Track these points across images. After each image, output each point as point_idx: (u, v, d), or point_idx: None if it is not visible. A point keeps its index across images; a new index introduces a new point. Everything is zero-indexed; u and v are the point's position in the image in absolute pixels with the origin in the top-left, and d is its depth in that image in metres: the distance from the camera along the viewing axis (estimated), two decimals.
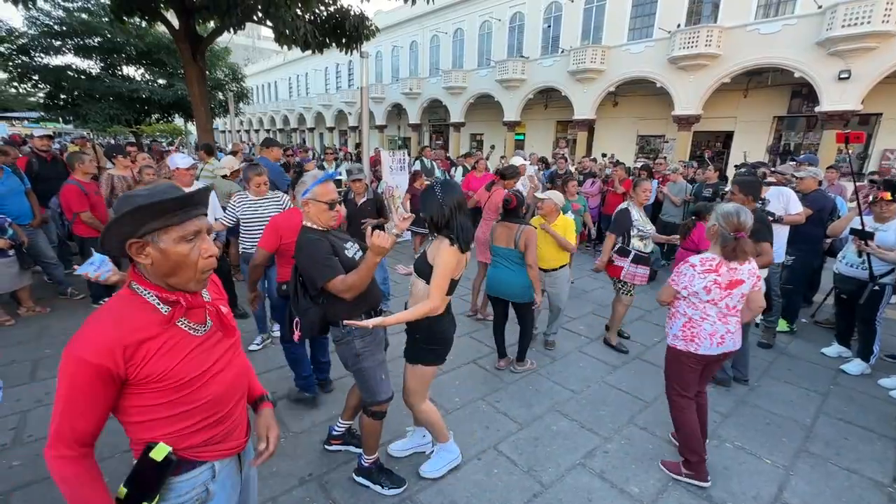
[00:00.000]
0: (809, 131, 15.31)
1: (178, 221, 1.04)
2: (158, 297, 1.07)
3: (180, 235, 1.05)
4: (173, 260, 1.05)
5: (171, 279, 1.08)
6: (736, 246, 2.22)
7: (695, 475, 2.42)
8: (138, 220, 1.01)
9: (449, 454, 2.46)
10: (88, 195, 4.32)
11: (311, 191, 2.03)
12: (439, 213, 2.04)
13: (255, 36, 49.04)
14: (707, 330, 2.33)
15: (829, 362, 3.93)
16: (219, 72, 17.14)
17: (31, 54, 13.82)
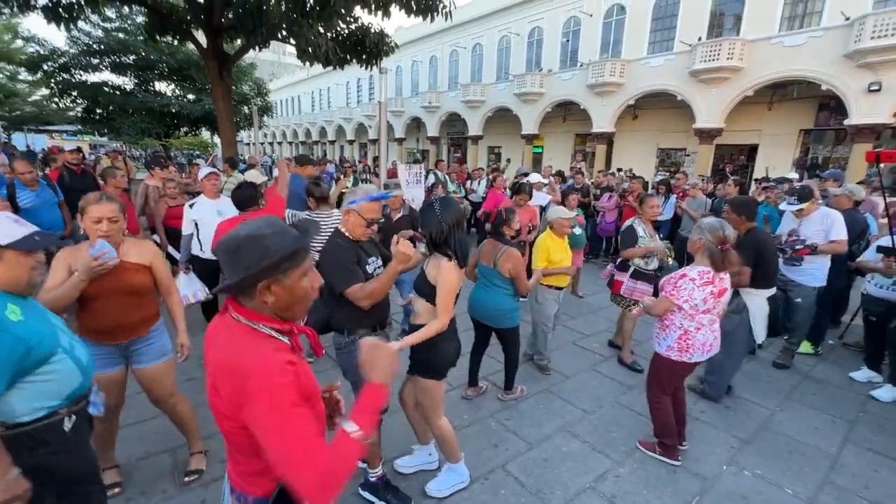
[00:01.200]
0: (838, 145, 14.84)
1: (303, 259, 1.10)
2: (275, 330, 1.09)
3: (303, 272, 1.11)
4: (297, 295, 1.10)
5: (287, 312, 1.11)
6: (724, 258, 2.41)
7: (668, 455, 2.73)
8: (284, 265, 1.05)
9: (458, 475, 2.44)
10: None
11: (358, 203, 2.11)
12: (438, 229, 2.08)
13: (281, 52, 50.65)
14: (700, 340, 2.52)
15: (857, 387, 3.75)
16: (244, 86, 17.76)
17: (71, 72, 14.62)
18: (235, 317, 1.08)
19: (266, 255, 1.01)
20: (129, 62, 15.33)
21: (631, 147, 19.61)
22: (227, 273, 1.06)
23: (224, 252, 1.04)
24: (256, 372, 0.98)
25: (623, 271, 3.92)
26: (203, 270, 3.79)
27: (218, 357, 1.07)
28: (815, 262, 3.73)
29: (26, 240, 1.43)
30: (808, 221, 3.78)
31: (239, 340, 1.05)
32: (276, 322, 1.09)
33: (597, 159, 19.36)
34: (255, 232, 1.03)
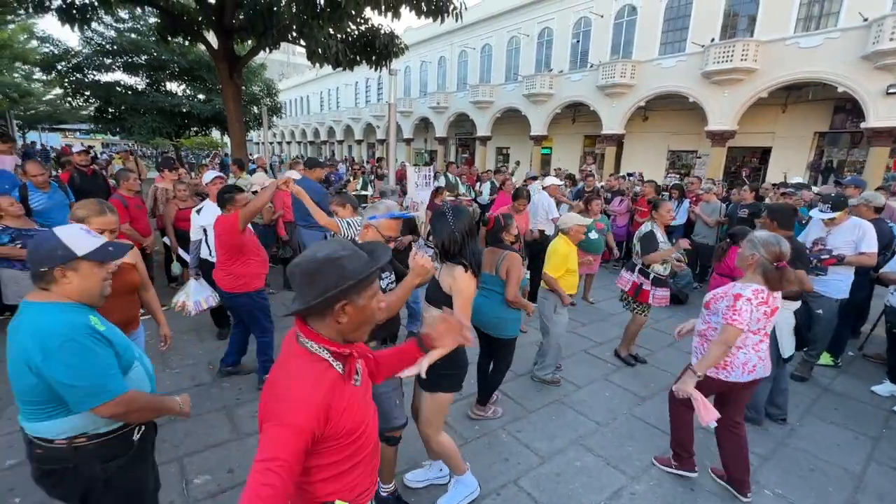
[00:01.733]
0: (854, 147, 14.58)
1: (374, 280, 1.13)
2: (332, 354, 1.10)
3: (374, 292, 1.13)
4: (366, 315, 1.12)
5: (355, 333, 1.14)
6: (781, 276, 2.21)
7: (684, 467, 2.63)
8: (360, 285, 1.07)
9: (466, 488, 2.38)
10: (129, 209, 4.51)
11: (378, 220, 2.10)
12: (451, 238, 2.05)
13: (290, 52, 50.94)
14: (741, 359, 2.34)
15: (880, 402, 3.64)
16: (254, 87, 17.84)
17: (84, 71, 14.78)
18: (299, 338, 1.11)
19: (345, 277, 1.03)
20: (140, 62, 15.46)
21: (641, 149, 19.43)
22: (301, 294, 1.06)
23: (300, 274, 1.06)
24: (282, 399, 1.01)
25: (645, 278, 3.85)
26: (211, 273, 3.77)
27: (271, 375, 1.12)
28: (839, 273, 3.62)
29: (100, 251, 1.44)
30: (838, 231, 3.63)
31: (289, 362, 1.09)
32: (337, 345, 1.10)
33: (606, 161, 19.20)
34: (333, 254, 1.05)
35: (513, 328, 3.04)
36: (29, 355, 1.30)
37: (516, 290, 2.90)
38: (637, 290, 3.94)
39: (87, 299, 1.45)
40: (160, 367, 3.62)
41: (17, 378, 1.34)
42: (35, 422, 1.38)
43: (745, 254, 2.30)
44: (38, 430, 1.39)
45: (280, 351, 1.18)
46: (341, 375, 1.10)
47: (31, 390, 1.34)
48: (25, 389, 1.34)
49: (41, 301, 1.38)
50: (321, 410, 1.01)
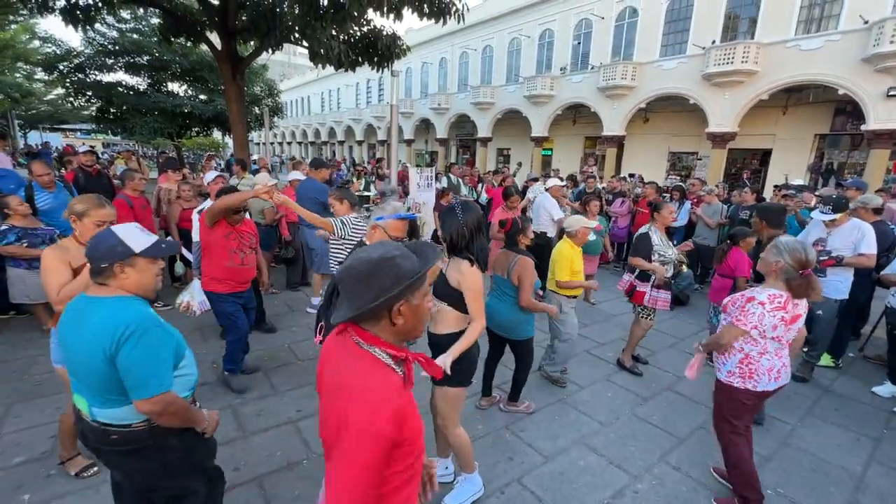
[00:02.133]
0: (854, 150, 14.60)
1: (425, 279, 1.11)
2: (392, 357, 1.07)
3: (425, 291, 1.13)
4: (421, 315, 1.12)
5: (412, 333, 1.13)
6: (806, 283, 2.16)
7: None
8: (415, 286, 1.06)
9: (472, 486, 2.40)
10: (134, 209, 4.55)
11: (385, 220, 2.13)
12: (459, 233, 2.08)
13: (292, 52, 51.01)
14: (765, 366, 2.27)
15: (881, 403, 3.66)
16: (256, 87, 17.89)
17: (86, 71, 14.82)
18: (356, 340, 1.08)
19: (401, 277, 1.02)
20: (142, 63, 15.50)
21: (641, 151, 19.46)
22: (353, 296, 1.03)
23: (354, 276, 1.03)
24: (361, 405, 0.97)
25: (644, 281, 3.85)
26: None
27: (333, 381, 1.07)
28: (838, 274, 3.64)
29: (154, 247, 1.54)
30: (838, 232, 3.66)
31: (356, 365, 1.05)
32: (394, 348, 1.08)
33: (607, 163, 19.23)
34: (387, 254, 1.04)
35: (528, 329, 3.07)
36: (104, 343, 1.39)
37: (529, 296, 2.91)
38: (631, 291, 3.95)
39: (143, 293, 1.55)
40: None
41: (91, 368, 1.42)
42: (111, 408, 1.47)
43: (770, 259, 2.23)
44: (114, 416, 1.48)
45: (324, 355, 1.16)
46: (402, 379, 1.08)
47: (107, 379, 1.42)
48: (100, 378, 1.43)
49: (105, 295, 1.48)
50: (398, 415, 0.98)
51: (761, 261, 2.31)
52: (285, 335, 4.43)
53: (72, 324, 1.47)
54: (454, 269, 2.12)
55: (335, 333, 1.14)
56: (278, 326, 4.63)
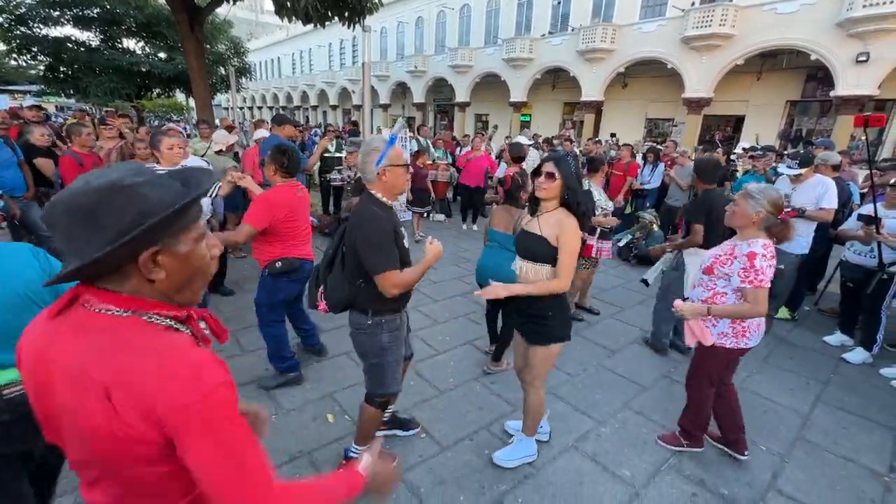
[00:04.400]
0: (823, 116, 14.94)
1: (197, 216, 0.80)
2: (174, 319, 0.79)
3: (200, 234, 0.81)
4: (195, 266, 0.80)
5: (185, 292, 0.81)
6: (786, 226, 2.18)
7: (693, 445, 2.53)
8: (176, 224, 0.75)
9: (528, 448, 2.39)
10: (84, 166, 4.25)
11: (386, 155, 1.79)
12: (575, 185, 1.96)
13: (258, 10, 48.03)
14: (756, 321, 2.22)
15: (830, 351, 3.88)
16: (220, 45, 16.81)
17: (29, 24, 13.58)
18: (106, 310, 0.72)
19: (147, 211, 0.69)
20: (92, 16, 14.29)
21: (619, 117, 19.43)
22: (77, 245, 0.69)
23: (70, 213, 0.68)
24: (171, 380, 0.68)
25: (591, 234, 3.96)
26: None
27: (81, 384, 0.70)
28: (799, 229, 3.75)
29: None
30: (803, 188, 3.77)
31: (131, 343, 0.71)
32: (169, 307, 0.78)
33: (585, 128, 19.17)
34: (120, 181, 0.69)
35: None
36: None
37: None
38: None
39: None
40: None
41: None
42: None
43: (749, 211, 2.12)
44: None
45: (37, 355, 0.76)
46: (194, 338, 0.82)
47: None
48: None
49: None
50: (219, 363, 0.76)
51: (735, 214, 2.18)
52: (252, 297, 4.33)
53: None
54: (550, 223, 1.98)
55: (52, 315, 0.75)
56: (245, 288, 4.52)
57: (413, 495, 2.15)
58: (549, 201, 2.03)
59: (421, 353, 3.47)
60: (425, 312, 4.22)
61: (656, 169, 6.83)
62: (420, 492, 2.17)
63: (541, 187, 2.00)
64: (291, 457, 2.34)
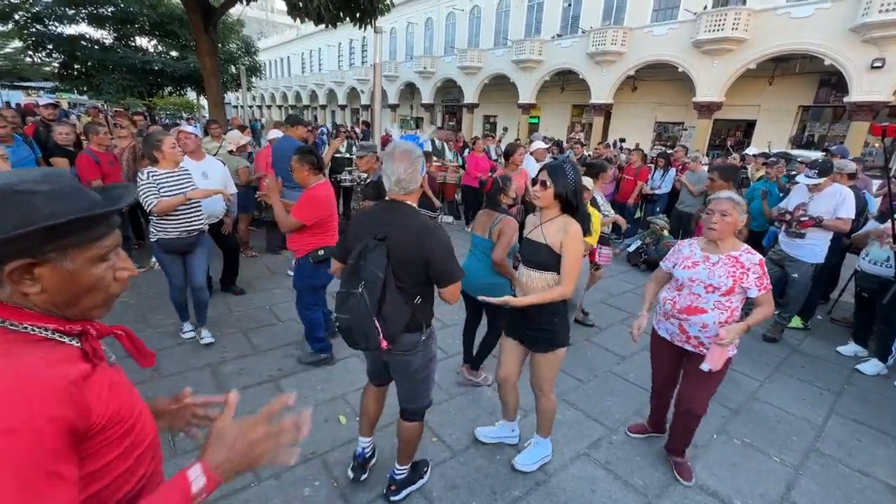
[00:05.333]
0: (835, 122, 14.80)
1: (100, 235, 0.75)
2: (59, 332, 0.74)
3: (98, 254, 0.75)
4: (82, 285, 0.74)
5: (72, 309, 0.76)
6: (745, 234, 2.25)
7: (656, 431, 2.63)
8: (63, 238, 0.70)
9: (545, 449, 2.42)
10: (101, 165, 4.32)
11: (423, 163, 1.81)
12: (572, 191, 1.95)
13: (269, 9, 48.34)
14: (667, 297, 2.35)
15: (844, 361, 3.84)
16: (231, 45, 16.96)
17: (45, 22, 13.77)
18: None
19: (27, 221, 0.65)
20: (107, 14, 14.47)
21: (628, 120, 19.36)
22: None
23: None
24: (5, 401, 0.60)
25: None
26: None
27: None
28: (815, 238, 3.72)
29: None
30: (820, 197, 3.70)
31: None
32: (53, 321, 0.73)
33: (594, 132, 19.10)
34: (15, 185, 0.67)
35: (503, 293, 2.98)
36: None
37: (504, 253, 2.78)
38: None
39: None
40: (142, 325, 3.56)
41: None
42: None
43: (740, 217, 2.10)
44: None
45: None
46: (83, 353, 0.75)
47: None
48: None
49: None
50: (66, 388, 0.66)
51: (728, 225, 2.10)
52: (265, 297, 4.37)
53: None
54: (554, 230, 1.97)
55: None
56: (258, 288, 4.56)
57: (425, 499, 2.15)
58: (549, 209, 2.03)
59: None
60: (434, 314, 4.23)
61: (667, 174, 6.79)
62: (432, 496, 2.18)
63: (535, 195, 2.01)
64: (304, 458, 2.36)
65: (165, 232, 3.11)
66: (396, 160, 1.72)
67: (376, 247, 1.69)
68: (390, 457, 2.30)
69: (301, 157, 2.90)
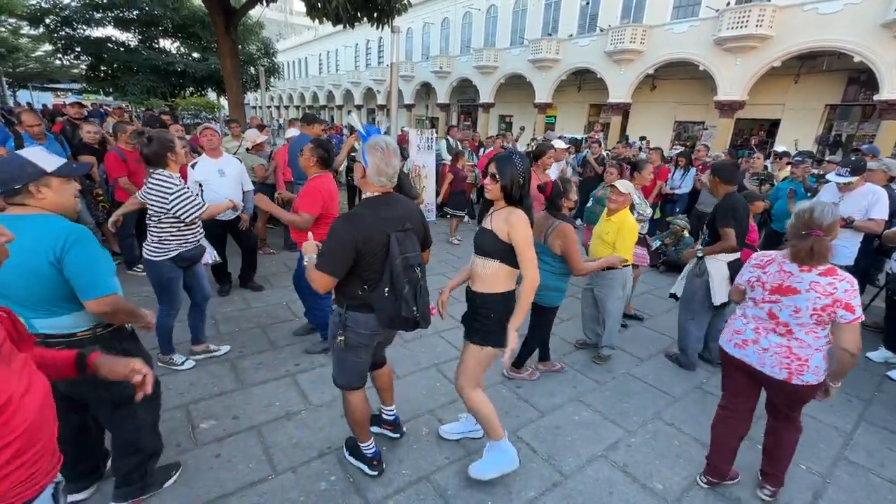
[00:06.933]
0: (865, 121, 14.30)
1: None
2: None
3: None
4: None
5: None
6: (807, 246, 1.84)
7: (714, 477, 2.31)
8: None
9: (502, 455, 2.19)
10: (128, 162, 4.42)
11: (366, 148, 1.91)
12: (517, 181, 1.93)
13: (288, 10, 49.01)
14: (734, 326, 2.17)
15: (874, 367, 3.70)
16: (251, 46, 17.25)
17: (73, 26, 14.23)
18: None
19: None
20: (132, 17, 14.89)
21: (647, 119, 19.05)
22: None
23: None
24: None
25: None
26: (211, 232, 3.72)
27: None
28: (845, 240, 3.59)
29: (65, 167, 1.56)
30: (851, 197, 3.58)
31: None
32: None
33: (611, 131, 18.84)
34: None
35: (553, 297, 2.94)
36: (47, 251, 1.47)
37: (581, 262, 2.77)
38: None
39: (64, 212, 1.58)
40: None
41: (30, 280, 1.49)
42: (55, 317, 1.59)
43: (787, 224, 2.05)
44: (59, 325, 1.60)
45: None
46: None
47: (52, 286, 1.52)
48: (44, 287, 1.52)
49: (30, 213, 1.50)
50: None
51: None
52: (283, 293, 4.42)
53: None
54: (500, 219, 1.96)
55: None
56: (276, 285, 4.62)
57: (440, 497, 2.14)
58: (498, 200, 2.02)
59: (446, 354, 3.48)
60: (450, 313, 4.21)
61: (687, 174, 6.65)
62: (447, 494, 2.17)
63: (487, 188, 2.01)
64: (320, 452, 2.37)
65: (186, 243, 2.80)
66: (392, 156, 1.87)
67: (405, 237, 1.86)
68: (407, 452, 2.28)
69: (315, 147, 2.99)
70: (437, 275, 5.31)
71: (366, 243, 1.78)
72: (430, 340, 3.67)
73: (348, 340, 1.95)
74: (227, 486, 2.10)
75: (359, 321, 1.92)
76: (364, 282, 1.87)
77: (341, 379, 2.09)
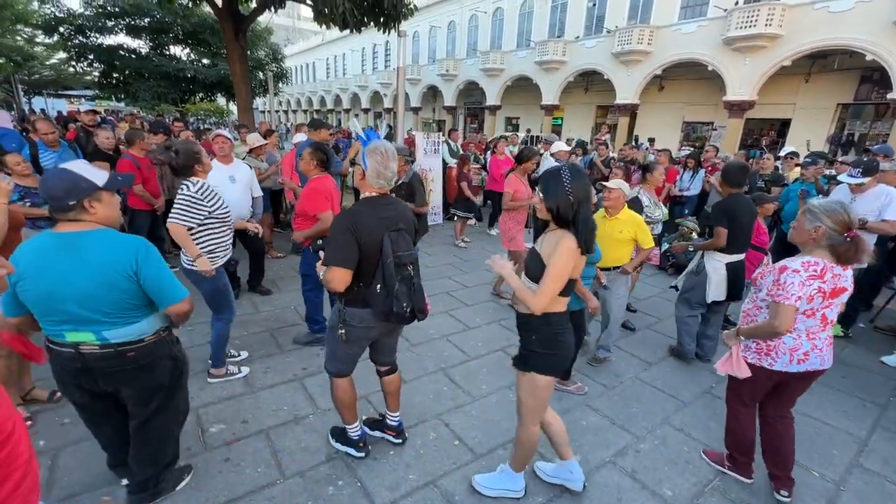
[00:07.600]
0: (878, 120, 14.06)
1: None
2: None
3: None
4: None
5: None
6: (855, 246, 1.88)
7: (739, 471, 2.38)
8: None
9: (512, 482, 2.16)
10: (141, 169, 4.48)
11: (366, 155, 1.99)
12: (566, 203, 1.70)
13: (295, 16, 49.49)
14: (788, 345, 2.05)
15: (889, 372, 3.63)
16: (260, 52, 17.46)
17: (86, 34, 14.52)
18: None
19: None
20: (143, 25, 15.16)
21: (655, 120, 18.92)
22: None
23: None
24: None
25: None
26: None
27: None
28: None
29: (113, 180, 1.60)
30: (864, 198, 3.53)
31: None
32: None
33: (619, 132, 18.75)
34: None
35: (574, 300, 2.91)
36: (123, 265, 1.53)
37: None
38: None
39: (111, 224, 1.61)
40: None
41: (106, 293, 1.53)
42: (130, 326, 1.64)
43: (807, 227, 1.97)
44: (132, 333, 1.65)
45: None
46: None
47: (128, 298, 1.58)
48: (123, 298, 1.57)
49: (87, 229, 1.53)
50: None
51: (795, 230, 2.05)
52: (290, 297, 4.45)
53: (65, 261, 1.48)
54: (549, 243, 1.78)
55: None
56: (284, 289, 4.66)
57: (447, 502, 2.14)
58: (550, 220, 1.84)
59: (454, 358, 3.48)
60: (457, 317, 4.23)
61: (696, 175, 6.59)
62: (454, 499, 2.16)
63: (537, 206, 1.85)
64: (328, 457, 2.38)
65: (227, 249, 2.90)
66: (390, 160, 1.95)
67: (398, 237, 1.94)
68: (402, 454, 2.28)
69: (314, 151, 3.13)
70: (444, 278, 5.31)
71: (365, 237, 1.86)
72: (437, 345, 3.67)
73: (348, 334, 2.05)
74: (237, 490, 2.12)
75: (356, 315, 2.02)
76: (359, 278, 1.94)
77: (332, 366, 2.21)
